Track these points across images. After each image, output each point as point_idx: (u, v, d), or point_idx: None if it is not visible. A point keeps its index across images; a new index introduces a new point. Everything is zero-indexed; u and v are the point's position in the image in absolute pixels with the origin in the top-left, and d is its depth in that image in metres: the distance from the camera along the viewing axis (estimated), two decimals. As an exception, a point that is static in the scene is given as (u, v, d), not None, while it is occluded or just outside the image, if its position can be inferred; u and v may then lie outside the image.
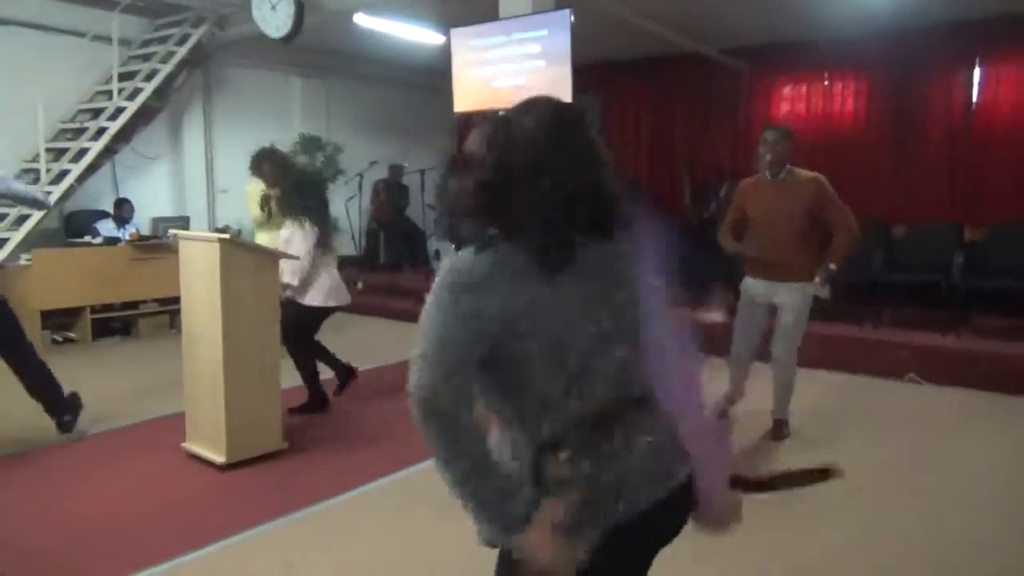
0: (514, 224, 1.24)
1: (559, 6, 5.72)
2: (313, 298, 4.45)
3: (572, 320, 1.25)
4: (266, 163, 5.03)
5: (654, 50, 8.77)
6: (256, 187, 5.29)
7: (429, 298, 1.25)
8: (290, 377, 4.46)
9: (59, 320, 6.55)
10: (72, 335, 6.62)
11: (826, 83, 8.59)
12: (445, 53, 6.49)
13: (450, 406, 1.21)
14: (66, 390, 4.08)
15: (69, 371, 4.43)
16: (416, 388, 1.23)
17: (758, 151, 3.92)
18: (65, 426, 4.04)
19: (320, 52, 9.16)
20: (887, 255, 6.38)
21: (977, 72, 7.63)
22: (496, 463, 1.28)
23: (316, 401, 4.65)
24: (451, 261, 1.26)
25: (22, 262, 6.31)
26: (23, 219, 6.48)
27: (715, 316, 4.89)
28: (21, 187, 4.09)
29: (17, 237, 6.37)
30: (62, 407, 4.03)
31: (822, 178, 3.81)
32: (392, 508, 3.29)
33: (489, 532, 1.30)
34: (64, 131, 7.40)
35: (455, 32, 6.27)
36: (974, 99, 7.66)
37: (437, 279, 1.25)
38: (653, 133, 9.91)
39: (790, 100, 8.86)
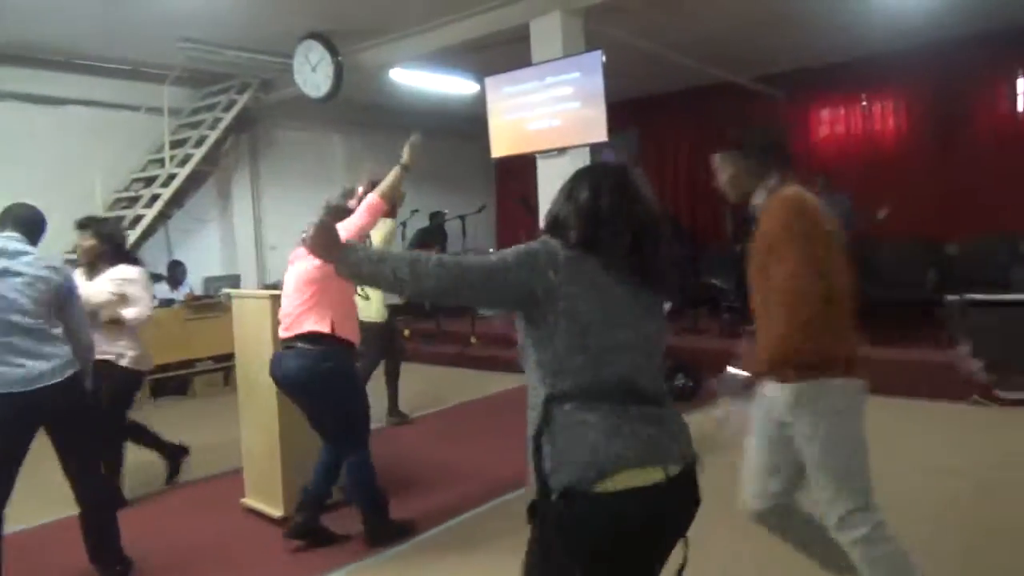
0: (579, 236, 1.60)
1: (589, 48, 5.80)
2: (141, 360, 3.94)
3: (603, 320, 1.55)
4: None
5: (687, 82, 8.82)
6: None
7: (521, 246, 1.59)
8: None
9: (120, 382, 6.73)
10: (132, 396, 6.80)
11: (864, 103, 8.51)
12: (480, 101, 6.61)
13: (443, 284, 1.55)
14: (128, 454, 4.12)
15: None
16: (463, 269, 1.55)
17: None
18: None
19: (358, 108, 9.43)
20: (941, 274, 6.21)
21: (1022, 80, 7.50)
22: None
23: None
24: (548, 239, 1.62)
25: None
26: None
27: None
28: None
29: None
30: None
31: (789, 200, 2.13)
32: (453, 554, 3.27)
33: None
34: (120, 200, 7.72)
35: (489, 80, 6.39)
36: (1019, 107, 7.52)
37: (533, 242, 1.61)
38: (691, 165, 9.89)
39: (829, 123, 8.81)
